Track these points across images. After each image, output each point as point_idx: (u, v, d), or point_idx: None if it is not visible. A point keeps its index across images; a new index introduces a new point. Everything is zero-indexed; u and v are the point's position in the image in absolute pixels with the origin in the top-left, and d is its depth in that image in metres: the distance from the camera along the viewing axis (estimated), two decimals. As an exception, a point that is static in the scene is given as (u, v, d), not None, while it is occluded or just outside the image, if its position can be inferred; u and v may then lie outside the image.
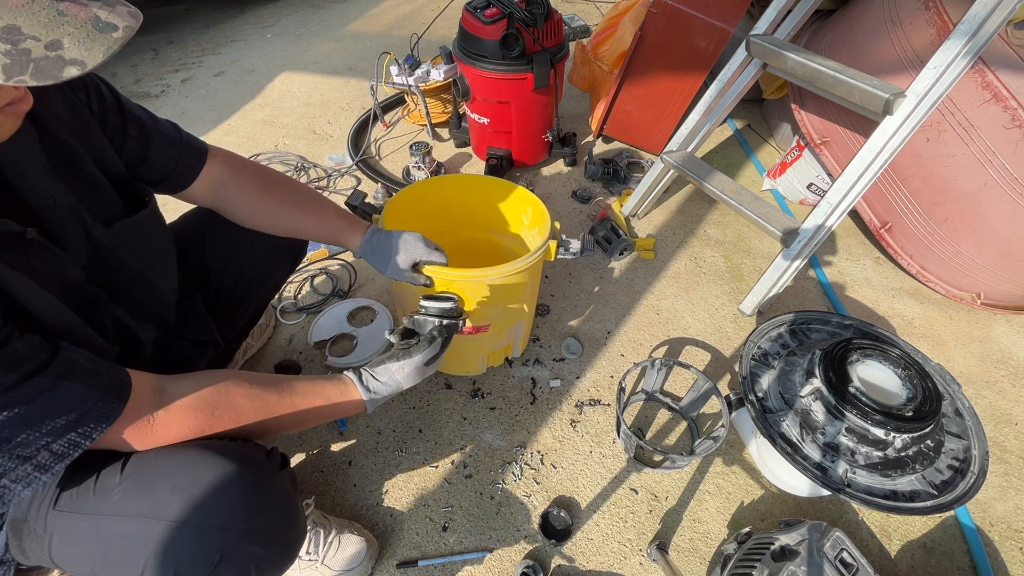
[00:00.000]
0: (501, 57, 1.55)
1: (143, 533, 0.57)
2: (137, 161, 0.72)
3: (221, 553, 0.58)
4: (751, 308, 1.38)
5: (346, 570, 0.92)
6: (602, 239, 1.61)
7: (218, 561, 0.58)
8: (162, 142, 0.74)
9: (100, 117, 0.66)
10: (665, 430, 1.20)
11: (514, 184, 1.18)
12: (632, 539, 1.02)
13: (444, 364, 1.27)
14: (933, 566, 1.00)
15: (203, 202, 0.84)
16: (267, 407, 0.67)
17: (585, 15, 3.09)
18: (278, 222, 0.89)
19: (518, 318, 1.15)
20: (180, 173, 0.78)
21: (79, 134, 0.62)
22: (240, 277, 0.97)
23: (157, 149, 0.73)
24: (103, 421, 0.54)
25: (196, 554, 0.57)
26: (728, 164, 2.00)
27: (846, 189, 1.16)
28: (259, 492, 0.62)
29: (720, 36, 1.56)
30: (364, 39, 3.00)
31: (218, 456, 0.61)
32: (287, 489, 0.67)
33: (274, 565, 0.64)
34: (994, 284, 1.42)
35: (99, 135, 0.65)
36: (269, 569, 0.64)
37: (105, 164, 0.65)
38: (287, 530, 0.66)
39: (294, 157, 2.02)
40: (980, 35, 0.99)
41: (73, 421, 0.52)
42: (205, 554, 0.57)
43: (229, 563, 0.59)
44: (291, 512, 0.67)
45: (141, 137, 0.71)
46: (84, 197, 0.61)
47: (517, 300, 1.09)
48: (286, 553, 0.66)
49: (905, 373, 0.92)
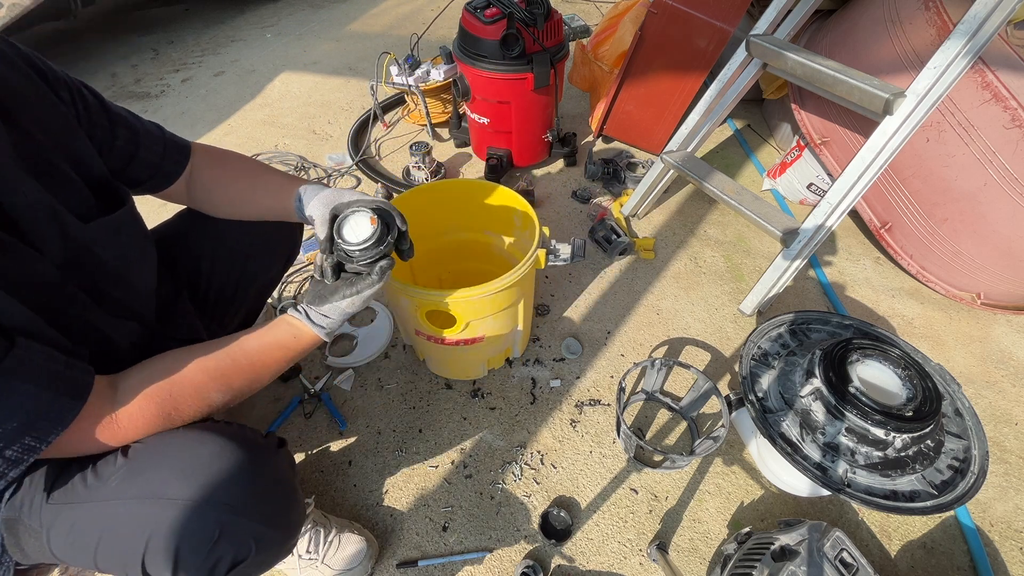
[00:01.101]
0: (501, 57, 1.55)
1: (143, 514, 0.58)
2: (126, 160, 0.72)
3: (220, 529, 0.59)
4: (751, 308, 1.38)
5: (346, 569, 0.92)
6: (602, 239, 1.61)
7: (218, 537, 0.58)
8: (149, 140, 0.75)
9: (86, 120, 0.66)
10: (665, 430, 1.20)
11: (504, 187, 1.18)
12: (632, 539, 1.02)
13: (445, 370, 1.28)
14: (933, 566, 1.00)
15: (182, 199, 0.84)
16: (223, 375, 0.66)
17: (585, 15, 3.09)
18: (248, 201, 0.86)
19: (513, 326, 1.15)
20: (166, 169, 0.78)
21: (55, 134, 0.61)
22: (229, 275, 0.96)
23: (146, 147, 0.74)
24: (58, 423, 0.52)
25: (196, 531, 0.58)
26: (728, 164, 2.00)
27: (846, 189, 1.16)
28: (256, 469, 0.63)
29: (720, 36, 1.56)
30: (364, 39, 3.00)
31: (215, 436, 0.62)
32: (285, 468, 0.68)
33: (274, 543, 0.65)
34: (994, 284, 1.42)
35: (80, 137, 0.64)
36: (269, 546, 0.64)
37: (82, 166, 0.64)
38: (286, 508, 0.66)
39: (294, 157, 2.02)
40: (980, 35, 0.99)
41: (26, 424, 0.50)
42: (205, 530, 0.58)
43: (228, 539, 0.59)
44: (289, 490, 0.68)
45: (130, 136, 0.72)
46: (59, 195, 0.60)
47: (510, 311, 1.09)
48: (285, 531, 0.66)
49: (905, 373, 0.92)
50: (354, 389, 1.27)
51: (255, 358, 0.69)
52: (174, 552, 0.57)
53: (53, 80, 0.62)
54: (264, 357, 0.69)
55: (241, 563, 0.62)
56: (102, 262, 0.64)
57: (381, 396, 1.25)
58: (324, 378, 1.27)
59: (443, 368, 1.27)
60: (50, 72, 0.63)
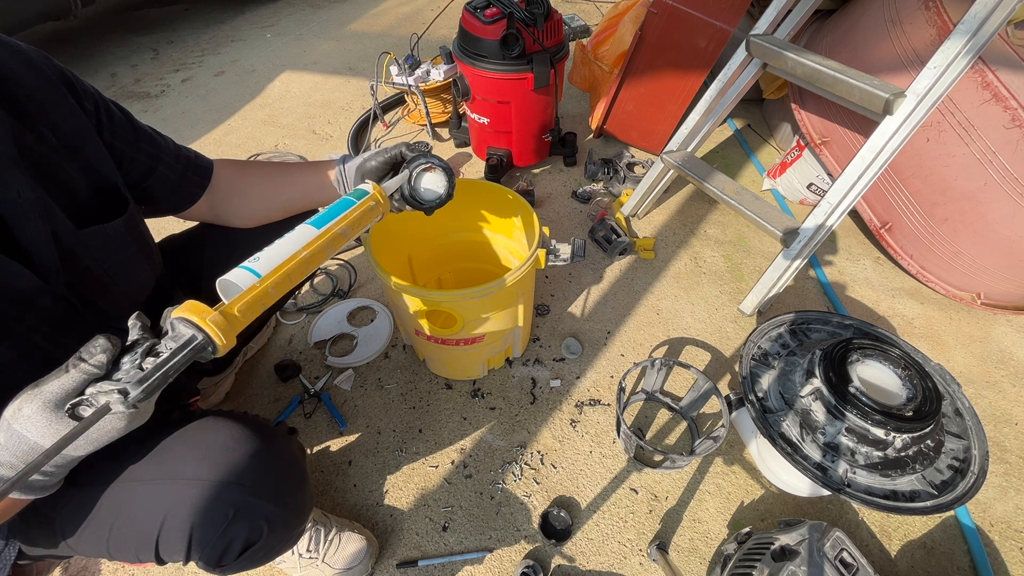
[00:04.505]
0: (501, 57, 1.55)
1: (159, 493, 0.59)
2: (146, 174, 0.72)
3: (235, 509, 0.60)
4: (751, 308, 1.38)
5: (347, 568, 0.92)
6: (602, 239, 1.61)
7: (232, 516, 0.60)
8: (170, 158, 0.76)
9: (108, 130, 0.67)
10: (665, 430, 1.20)
11: (505, 188, 1.18)
12: (632, 539, 1.02)
13: (445, 370, 1.28)
14: (933, 566, 1.00)
15: (205, 217, 0.85)
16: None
17: (585, 15, 3.09)
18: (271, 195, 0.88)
19: (513, 325, 1.15)
20: (188, 190, 0.78)
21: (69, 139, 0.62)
22: None
23: (166, 164, 0.75)
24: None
25: (211, 510, 0.59)
26: (728, 164, 2.00)
27: (846, 189, 1.16)
28: (270, 453, 0.64)
29: (720, 36, 1.55)
30: (364, 39, 3.00)
31: (230, 422, 0.64)
32: (296, 453, 0.70)
33: (285, 524, 0.66)
34: (994, 284, 1.42)
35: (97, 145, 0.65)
36: (280, 528, 0.65)
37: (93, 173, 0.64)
38: (297, 491, 0.68)
39: (294, 157, 2.02)
40: (980, 35, 0.99)
41: None
42: (220, 509, 0.59)
43: (242, 518, 0.61)
44: (300, 473, 0.69)
45: (153, 151, 0.73)
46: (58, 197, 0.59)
47: (510, 311, 1.09)
48: (296, 514, 0.68)
49: (905, 373, 0.92)
50: (354, 389, 1.27)
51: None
52: (189, 532, 0.58)
53: (81, 92, 0.64)
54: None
55: (253, 545, 0.63)
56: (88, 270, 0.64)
57: (381, 396, 1.25)
58: (324, 378, 1.27)
59: (443, 368, 1.27)
60: (79, 84, 0.65)
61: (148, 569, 0.99)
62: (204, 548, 0.60)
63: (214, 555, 0.61)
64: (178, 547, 0.59)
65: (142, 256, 0.74)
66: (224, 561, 0.62)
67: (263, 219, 0.89)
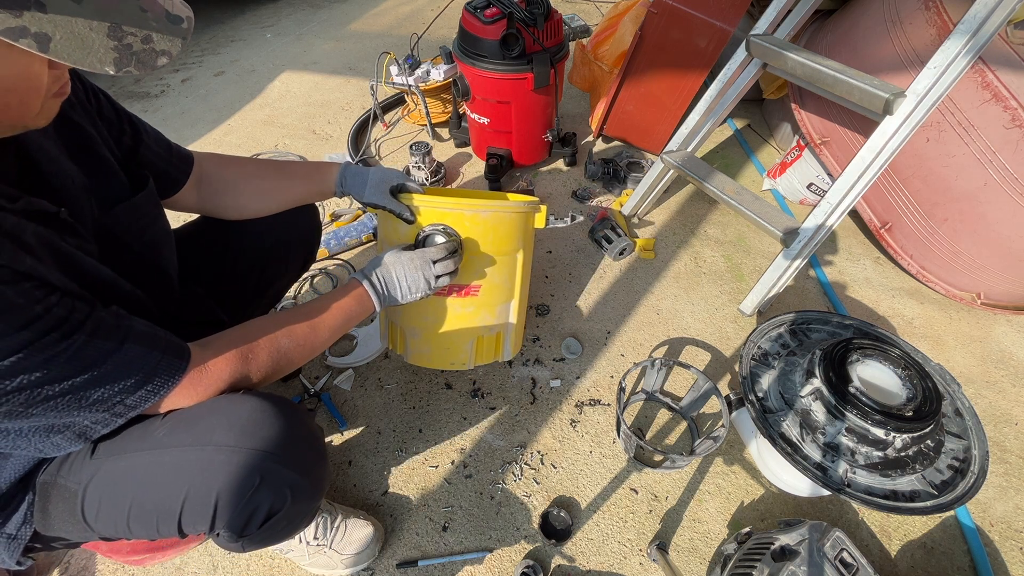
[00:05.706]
0: (501, 57, 1.55)
1: (187, 460, 0.60)
2: (129, 155, 0.74)
3: (261, 476, 0.61)
4: (751, 308, 1.38)
5: (356, 553, 0.93)
6: (602, 239, 1.61)
7: (258, 484, 0.60)
8: (151, 141, 0.78)
9: (96, 108, 0.70)
10: (665, 430, 1.20)
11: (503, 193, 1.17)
12: (632, 539, 1.02)
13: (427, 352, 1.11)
14: (933, 566, 1.00)
15: (192, 206, 0.87)
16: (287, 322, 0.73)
17: (585, 15, 3.09)
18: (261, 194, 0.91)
19: (508, 293, 1.08)
20: (173, 175, 0.80)
21: (90, 120, 0.66)
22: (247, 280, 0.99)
23: (146, 146, 0.76)
24: (170, 379, 0.59)
25: (238, 476, 0.60)
26: (728, 164, 2.00)
27: (846, 189, 1.16)
28: (294, 423, 0.66)
29: (720, 36, 1.55)
30: (364, 39, 3.00)
31: (255, 396, 0.65)
32: (316, 428, 0.72)
33: (306, 496, 0.66)
34: (994, 284, 1.42)
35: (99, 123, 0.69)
36: (302, 499, 0.66)
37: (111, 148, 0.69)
38: (318, 462, 0.69)
39: (294, 157, 2.02)
40: (980, 35, 0.99)
41: (142, 380, 0.56)
42: (247, 476, 0.60)
43: (268, 486, 0.61)
44: (320, 447, 0.71)
45: (133, 133, 0.75)
46: (94, 179, 0.64)
47: (508, 262, 1.04)
48: (317, 485, 0.69)
49: (905, 373, 0.92)
50: (354, 389, 1.27)
51: (314, 312, 0.76)
52: (216, 497, 0.59)
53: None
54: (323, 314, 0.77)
55: (276, 514, 0.63)
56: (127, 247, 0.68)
57: (381, 396, 1.25)
58: (324, 378, 1.27)
59: (425, 346, 1.11)
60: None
61: (148, 568, 0.99)
62: (229, 516, 0.60)
63: (239, 522, 0.61)
64: (203, 513, 0.60)
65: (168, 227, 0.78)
66: (248, 530, 0.62)
67: (255, 213, 0.92)
